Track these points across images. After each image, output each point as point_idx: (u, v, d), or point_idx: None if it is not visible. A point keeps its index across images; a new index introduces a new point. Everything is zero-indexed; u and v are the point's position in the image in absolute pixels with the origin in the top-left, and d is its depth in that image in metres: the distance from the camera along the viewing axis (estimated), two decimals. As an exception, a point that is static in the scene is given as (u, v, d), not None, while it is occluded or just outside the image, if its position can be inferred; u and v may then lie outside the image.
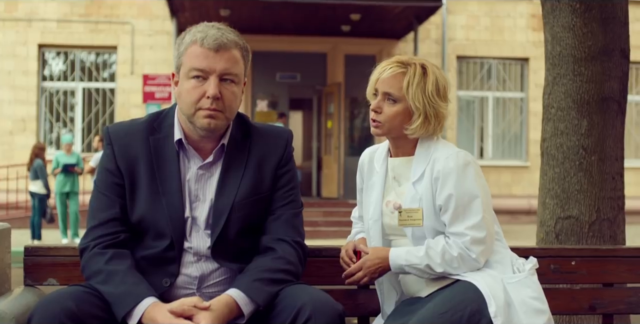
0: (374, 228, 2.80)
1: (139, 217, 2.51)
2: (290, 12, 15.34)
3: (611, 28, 4.30)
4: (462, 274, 2.62)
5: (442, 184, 2.66)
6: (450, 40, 18.05)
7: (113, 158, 2.54)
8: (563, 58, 4.33)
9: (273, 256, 2.49)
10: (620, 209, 4.39)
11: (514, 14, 18.29)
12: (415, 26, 16.23)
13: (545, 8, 4.48)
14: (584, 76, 4.27)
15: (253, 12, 15.45)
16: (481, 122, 18.38)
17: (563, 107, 4.33)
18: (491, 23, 18.24)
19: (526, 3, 18.36)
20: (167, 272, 2.49)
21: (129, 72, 17.11)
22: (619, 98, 4.34)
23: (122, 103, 17.13)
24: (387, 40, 17.67)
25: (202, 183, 2.56)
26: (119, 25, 17.13)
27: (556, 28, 4.37)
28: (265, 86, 17.77)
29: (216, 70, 2.46)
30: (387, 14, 15.51)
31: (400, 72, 2.75)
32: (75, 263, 2.78)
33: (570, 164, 4.28)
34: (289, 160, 2.64)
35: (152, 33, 17.17)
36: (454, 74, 18.04)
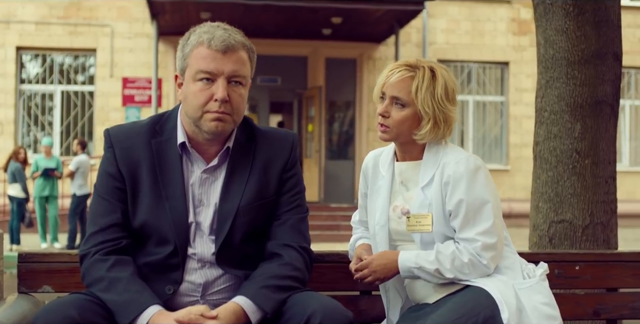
0: (380, 234, 2.75)
1: (141, 222, 2.44)
2: (271, 15, 15.30)
3: (604, 31, 4.28)
4: (472, 280, 2.58)
5: (453, 189, 2.61)
6: (430, 44, 18.09)
7: (114, 162, 2.46)
8: (556, 61, 4.31)
9: (279, 262, 2.43)
10: (613, 213, 4.38)
11: (494, 18, 18.35)
12: (396, 30, 16.23)
13: (538, 11, 4.45)
14: (577, 79, 4.25)
15: (233, 15, 15.36)
16: (461, 126, 18.42)
17: (556, 110, 4.30)
18: (471, 27, 18.30)
19: (506, 7, 18.43)
20: (170, 279, 2.42)
21: (108, 75, 17.00)
22: (611, 101, 4.33)
23: (101, 106, 17.00)
24: (368, 43, 17.67)
25: (205, 187, 2.49)
26: (98, 27, 17.01)
27: (549, 31, 4.35)
28: (246, 89, 17.61)
29: (224, 72, 2.40)
30: (368, 17, 15.50)
31: (409, 76, 2.68)
32: (71, 269, 2.72)
33: (563, 168, 4.26)
34: (294, 164, 2.58)
35: (132, 36, 17.06)
36: (435, 77, 17.99)
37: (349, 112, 18.20)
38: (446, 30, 18.24)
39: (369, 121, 17.78)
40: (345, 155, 18.01)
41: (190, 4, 14.48)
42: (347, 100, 18.05)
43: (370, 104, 17.84)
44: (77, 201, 13.23)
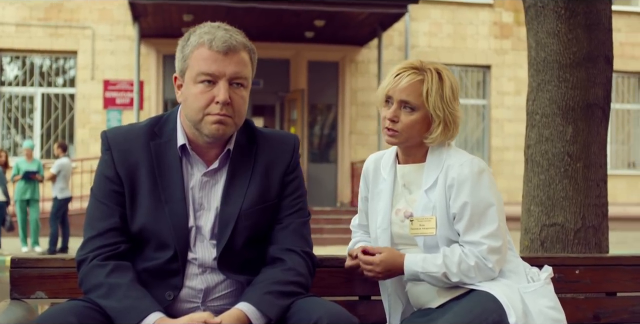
0: (382, 237, 2.71)
1: (140, 226, 2.38)
2: (254, 18, 15.25)
3: (596, 34, 4.27)
4: (477, 284, 2.55)
5: (457, 192, 2.59)
6: (413, 47, 18.12)
7: (112, 164, 2.40)
8: (548, 64, 4.29)
9: (282, 267, 2.38)
10: (604, 216, 4.37)
11: (477, 21, 18.41)
12: (379, 33, 16.25)
13: (529, 14, 4.44)
14: (569, 82, 4.23)
15: (216, 18, 14.97)
16: (443, 129, 18.38)
17: (548, 113, 4.29)
18: (453, 30, 18.35)
19: (488, 11, 18.49)
20: (170, 285, 2.36)
21: (89, 78, 16.89)
22: (603, 105, 4.32)
23: (82, 109, 16.88)
24: (351, 46, 17.67)
25: (206, 191, 2.43)
26: (79, 29, 16.90)
27: (540, 34, 4.33)
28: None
29: (226, 74, 2.34)
30: (351, 20, 15.50)
31: (418, 80, 2.65)
32: (64, 274, 2.65)
33: (555, 171, 4.24)
34: (296, 166, 2.53)
35: (113, 38, 16.96)
36: (417, 80, 18.02)
37: (331, 115, 18.19)
38: (428, 33, 18.27)
39: (351, 124, 17.78)
40: (327, 158, 17.99)
41: (172, 6, 14.42)
42: (329, 103, 18.05)
43: (352, 107, 17.83)
44: (58, 204, 13.12)
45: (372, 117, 17.62)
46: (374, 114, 17.47)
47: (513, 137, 17.82)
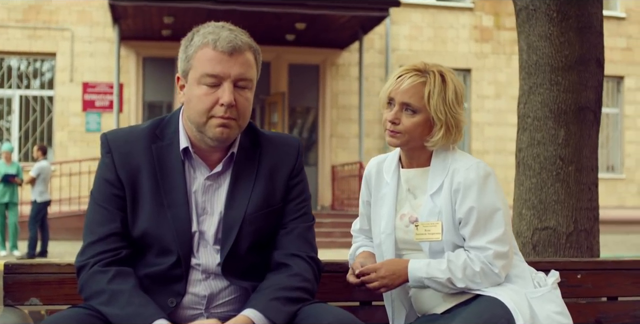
0: (386, 243, 2.66)
1: (142, 231, 2.31)
2: (235, 20, 14.55)
3: (587, 38, 4.26)
4: (483, 290, 2.51)
5: (463, 197, 2.54)
6: (393, 51, 18.14)
7: (113, 168, 2.33)
8: (539, 67, 4.28)
9: (288, 273, 2.32)
10: (595, 220, 4.36)
11: (457, 25, 18.47)
12: (360, 36, 16.25)
13: (521, 17, 4.42)
14: (561, 86, 4.22)
15: (197, 20, 14.94)
16: (424, 132, 18.42)
17: (540, 117, 4.27)
18: (434, 34, 18.38)
19: (469, 14, 18.55)
20: (173, 291, 2.29)
21: (68, 80, 16.74)
22: (594, 108, 4.31)
23: (60, 111, 16.73)
24: (332, 49, 17.67)
25: (209, 195, 2.37)
26: (58, 31, 16.76)
27: (532, 37, 4.32)
28: (208, 95, 17.51)
29: (231, 75, 2.27)
30: (332, 23, 15.49)
31: (420, 82, 2.60)
32: (60, 281, 2.58)
33: (547, 175, 4.22)
34: (300, 170, 2.47)
35: (93, 40, 16.84)
36: (398, 84, 18.04)
37: (312, 119, 18.16)
38: (409, 36, 18.30)
39: (332, 127, 17.76)
40: (308, 161, 17.94)
41: (153, 8, 14.35)
42: (310, 106, 18.02)
43: (333, 110, 17.82)
44: (37, 208, 12.97)
45: (352, 121, 17.61)
46: (354, 117, 17.46)
47: (493, 141, 17.89)
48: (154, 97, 17.39)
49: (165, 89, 17.31)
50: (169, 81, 17.28)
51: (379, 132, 17.80)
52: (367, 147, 17.32)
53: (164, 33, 16.32)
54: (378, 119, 17.74)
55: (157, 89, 17.34)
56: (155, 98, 17.42)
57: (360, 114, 16.60)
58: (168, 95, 17.36)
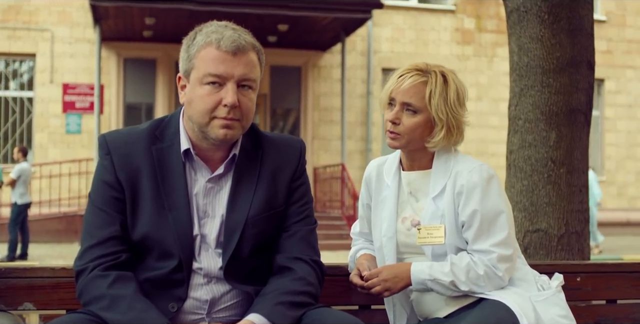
0: (388, 246, 2.62)
1: (142, 235, 2.26)
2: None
3: (578, 40, 4.26)
4: (487, 293, 2.48)
5: (466, 199, 2.51)
6: (375, 53, 18.13)
7: (112, 170, 2.27)
8: (531, 69, 4.26)
9: (292, 276, 2.28)
10: (586, 222, 4.36)
11: (439, 27, 18.49)
12: (342, 38, 16.23)
13: (512, 19, 4.41)
14: (552, 88, 4.21)
15: (179, 21, 15.17)
16: (405, 135, 18.43)
17: (531, 119, 4.25)
18: (416, 36, 18.40)
19: (450, 17, 18.59)
20: (174, 296, 2.24)
21: (48, 81, 16.60)
22: (585, 110, 4.31)
23: (40, 113, 16.58)
24: (314, 51, 17.63)
25: (210, 197, 2.32)
26: (38, 32, 16.60)
27: (523, 39, 4.31)
28: (189, 96, 17.45)
29: (234, 75, 2.23)
30: (315, 25, 15.46)
31: (422, 82, 2.57)
32: (54, 285, 2.53)
33: (538, 177, 4.21)
34: (302, 172, 2.44)
35: (73, 41, 16.70)
36: (379, 86, 18.08)
37: (293, 120, 18.12)
38: (391, 38, 18.30)
39: (314, 129, 17.72)
40: (290, 163, 17.87)
41: (134, 9, 14.25)
42: (291, 108, 17.98)
43: (315, 112, 17.78)
44: (18, 210, 12.84)
45: (334, 123, 17.59)
46: (336, 119, 17.44)
47: (474, 143, 17.91)
48: (135, 98, 17.28)
49: (146, 91, 17.23)
50: (150, 82, 17.20)
51: (360, 134, 17.80)
52: (349, 149, 17.30)
53: (145, 34, 16.23)
54: (360, 121, 17.76)
55: (138, 90, 17.24)
56: (136, 99, 17.32)
57: (343, 116, 16.57)
58: (149, 96, 17.27)
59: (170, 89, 17.23)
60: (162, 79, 17.20)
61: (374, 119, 17.95)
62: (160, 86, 17.21)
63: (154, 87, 17.29)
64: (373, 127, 17.88)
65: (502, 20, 18.69)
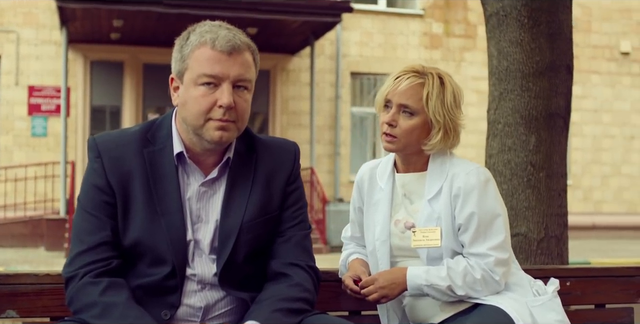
0: (381, 250, 2.59)
1: (134, 240, 2.19)
2: (185, 25, 14.49)
3: (558, 44, 4.27)
4: (483, 298, 2.45)
5: (463, 202, 2.48)
6: (344, 57, 18.12)
7: (103, 173, 2.20)
8: (510, 73, 4.27)
9: (288, 283, 2.23)
10: (565, 226, 4.37)
11: (407, 31, 18.53)
12: (311, 41, 16.21)
13: (491, 22, 4.40)
14: (532, 92, 4.21)
15: (147, 24, 15.06)
16: (374, 139, 18.49)
17: (510, 122, 4.25)
18: (384, 40, 18.42)
19: (418, 21, 18.64)
20: (167, 303, 2.18)
21: (13, 83, 16.34)
22: (564, 114, 4.33)
23: (5, 115, 16.33)
24: (282, 55, 17.57)
25: (204, 202, 2.26)
26: (3, 33, 16.35)
27: (503, 43, 4.30)
28: (156, 100, 17.35)
29: (230, 76, 2.17)
30: (284, 28, 15.42)
31: (419, 83, 2.54)
32: (37, 292, 2.46)
33: (518, 181, 4.21)
34: (297, 176, 2.39)
35: (39, 43, 16.48)
36: (348, 90, 18.09)
37: (262, 124, 18.05)
38: (359, 42, 18.30)
39: (282, 132, 17.66)
40: (258, 167, 17.80)
41: (102, 11, 14.08)
42: (260, 111, 17.88)
43: (283, 116, 17.73)
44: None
45: (303, 126, 17.55)
46: (305, 122, 17.40)
47: (442, 147, 17.93)
48: (102, 101, 17.10)
49: (113, 93, 17.05)
50: (117, 85, 17.03)
51: (329, 138, 17.78)
52: (318, 153, 17.27)
53: (112, 36, 16.06)
54: (329, 125, 17.74)
55: (105, 93, 17.06)
56: (103, 102, 17.14)
57: (312, 120, 16.54)
58: (116, 99, 17.10)
59: (138, 92, 17.09)
60: (129, 82, 17.04)
61: (343, 123, 17.94)
62: (128, 89, 17.04)
63: (121, 90, 17.12)
64: (341, 131, 17.88)
65: (470, 26, 18.82)
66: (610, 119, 19.61)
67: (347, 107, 18.09)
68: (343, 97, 17.97)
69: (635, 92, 19.96)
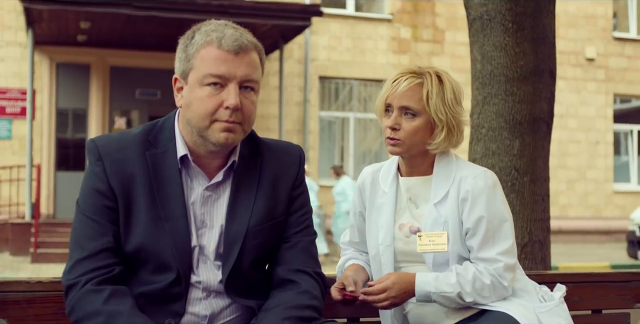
0: (386, 255, 2.53)
1: (137, 246, 2.12)
2: (153, 27, 14.90)
3: (542, 49, 4.27)
4: (491, 304, 2.41)
5: (472, 206, 2.44)
6: (312, 60, 18.09)
7: (104, 177, 2.13)
8: (494, 77, 4.25)
9: (296, 290, 2.17)
10: (548, 231, 4.36)
11: (375, 36, 18.55)
12: (280, 45, 16.15)
13: (474, 26, 4.38)
14: (516, 96, 4.20)
15: (114, 26, 14.91)
16: (342, 142, 18.50)
17: (494, 127, 4.23)
18: (353, 44, 18.42)
19: (387, 26, 18.67)
20: (171, 311, 2.11)
21: (-24, 85, 16.10)
22: (547, 119, 4.32)
23: (-31, 118, 16.08)
24: (251, 58, 17.46)
25: (208, 207, 2.19)
26: (-34, 35, 16.11)
27: (487, 47, 4.28)
28: (123, 103, 17.25)
29: (236, 76, 2.11)
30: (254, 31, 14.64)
31: (417, 84, 2.50)
32: (28, 299, 2.38)
33: (502, 186, 4.18)
34: (302, 180, 2.33)
35: (4, 44, 16.24)
36: (316, 94, 18.06)
37: (230, 128, 17.95)
38: (328, 47, 18.29)
39: (251, 136, 17.56)
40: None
41: (69, 12, 13.90)
42: (228, 115, 17.80)
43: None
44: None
45: (271, 130, 17.47)
46: (274, 127, 17.33)
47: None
48: (68, 104, 16.90)
49: (79, 96, 16.86)
50: (83, 87, 16.85)
51: (297, 141, 17.71)
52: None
53: (79, 38, 15.88)
54: (297, 129, 17.70)
55: (70, 95, 16.86)
56: (69, 105, 16.94)
57: (280, 124, 16.49)
58: (82, 102, 16.91)
59: (105, 95, 16.92)
60: (96, 84, 16.87)
61: (311, 127, 17.91)
62: (95, 92, 16.86)
63: (88, 93, 16.93)
64: (310, 135, 17.84)
65: (438, 30, 18.89)
66: (576, 124, 19.80)
67: (316, 111, 18.06)
68: (311, 101, 17.94)
69: (600, 98, 20.19)
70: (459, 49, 18.67)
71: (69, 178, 16.66)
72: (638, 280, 3.07)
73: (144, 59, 16.77)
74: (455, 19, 18.87)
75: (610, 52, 20.36)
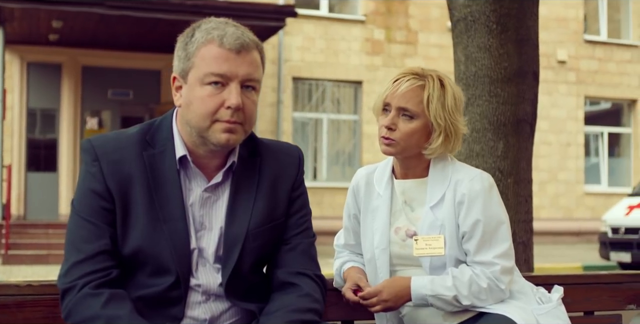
0: (381, 258, 2.51)
1: (135, 248, 2.07)
2: (127, 27, 14.80)
3: (525, 50, 4.27)
4: (489, 307, 2.39)
5: (468, 209, 2.42)
6: (286, 61, 18.05)
7: (101, 178, 2.07)
8: (478, 79, 4.25)
9: (298, 293, 2.13)
10: (531, 232, 4.38)
11: (349, 37, 18.55)
12: (254, 45, 16.06)
13: (458, 28, 4.38)
14: (500, 97, 4.20)
15: (87, 25, 14.78)
16: (315, 143, 18.47)
17: (478, 128, 4.23)
18: (326, 45, 18.40)
19: (360, 27, 18.67)
20: (170, 315, 2.07)
21: (-55, 85, 15.85)
22: (531, 120, 4.33)
23: (-63, 118, 15.82)
24: (224, 59, 17.39)
25: (207, 208, 2.15)
26: None
27: (471, 48, 4.28)
28: (95, 103, 17.13)
29: (238, 75, 2.06)
30: (228, 32, 15.24)
31: (419, 86, 2.47)
32: (19, 303, 2.31)
33: (486, 187, 4.19)
34: (302, 181, 2.29)
35: (-27, 43, 16.02)
36: (290, 95, 18.02)
37: (203, 128, 17.86)
38: (301, 47, 18.26)
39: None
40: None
41: (41, 11, 13.75)
42: (201, 115, 17.72)
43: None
44: None
45: (245, 131, 17.40)
46: (247, 127, 17.24)
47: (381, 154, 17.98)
48: (39, 104, 16.74)
49: (50, 96, 16.70)
50: (54, 87, 16.69)
51: (271, 143, 17.65)
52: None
53: (51, 38, 15.72)
54: (270, 130, 17.64)
55: (42, 95, 16.71)
56: (40, 105, 16.79)
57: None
58: (53, 102, 16.75)
59: (76, 95, 16.77)
60: (67, 84, 16.72)
61: (284, 128, 17.87)
62: (66, 92, 16.71)
63: (59, 93, 16.78)
64: (283, 136, 17.78)
65: (411, 32, 18.93)
66: (547, 126, 19.91)
67: (289, 112, 18.03)
68: (285, 102, 17.90)
69: (571, 100, 20.35)
70: (432, 51, 18.73)
71: (40, 179, 16.51)
72: (630, 282, 3.08)
73: (116, 59, 16.65)
74: (428, 21, 18.93)
75: (581, 54, 20.53)
